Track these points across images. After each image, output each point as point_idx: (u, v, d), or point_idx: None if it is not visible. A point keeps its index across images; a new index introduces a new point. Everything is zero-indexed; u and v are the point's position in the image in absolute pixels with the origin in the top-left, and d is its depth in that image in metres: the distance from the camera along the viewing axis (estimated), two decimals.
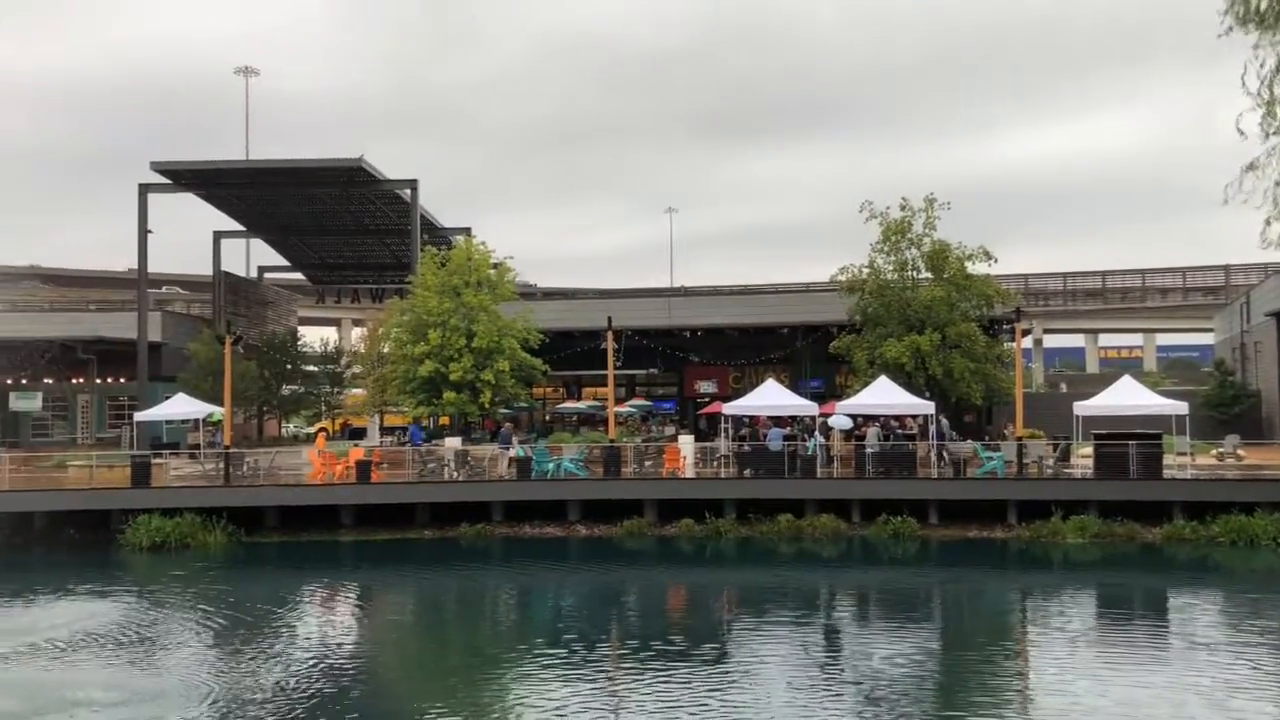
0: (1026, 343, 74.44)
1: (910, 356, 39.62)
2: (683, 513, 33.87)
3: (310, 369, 60.49)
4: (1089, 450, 34.03)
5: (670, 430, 49.76)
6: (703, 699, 17.02)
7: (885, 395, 36.23)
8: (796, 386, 45.38)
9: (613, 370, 39.13)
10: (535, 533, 34.19)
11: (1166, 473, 32.75)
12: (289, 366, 58.33)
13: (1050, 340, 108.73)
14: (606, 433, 39.23)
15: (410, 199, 53.12)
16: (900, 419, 39.67)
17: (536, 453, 36.73)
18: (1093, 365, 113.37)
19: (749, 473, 35.19)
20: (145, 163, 52.14)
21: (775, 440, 35.26)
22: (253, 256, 70.44)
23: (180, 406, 41.33)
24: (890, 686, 17.92)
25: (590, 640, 21.78)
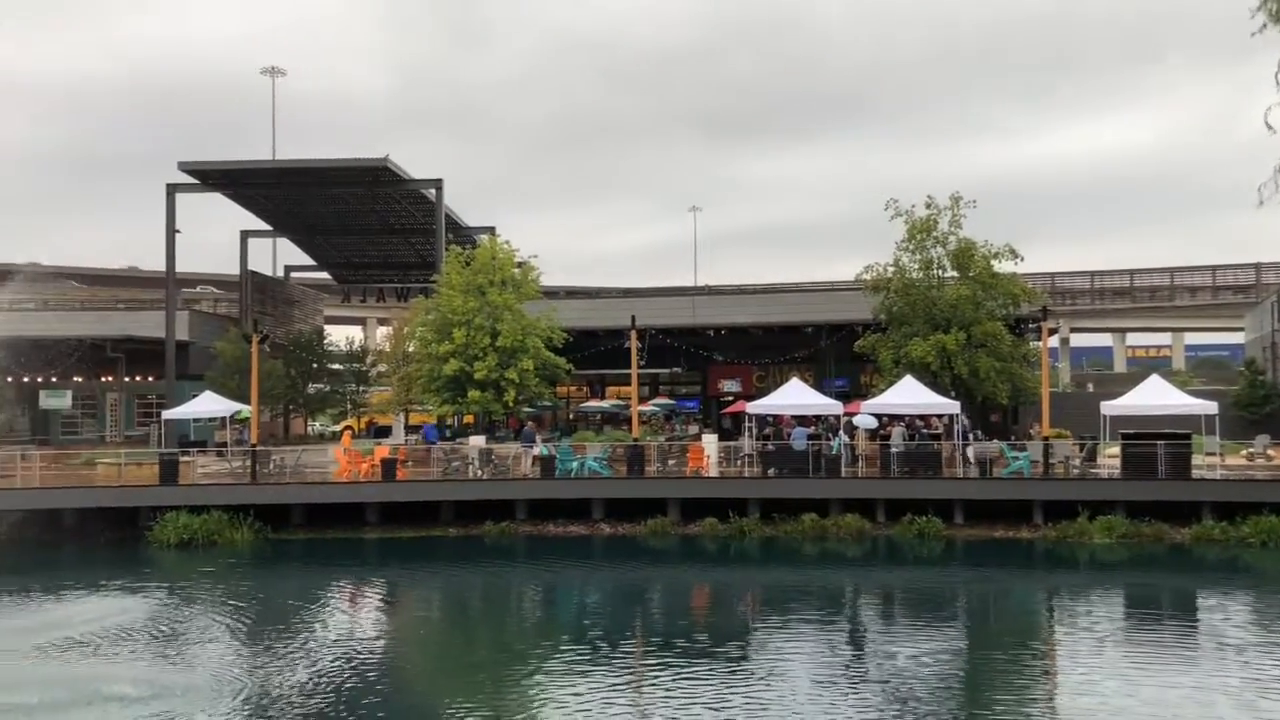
0: (1053, 342, 73.91)
1: (936, 356, 39.42)
2: (706, 512, 33.85)
3: (336, 368, 60.83)
4: (1116, 450, 33.78)
5: (694, 429, 49.75)
6: (726, 697, 17.01)
7: (910, 395, 36.07)
8: (821, 386, 45.22)
9: (636, 369, 39.14)
10: (559, 531, 34.27)
11: (1195, 473, 32.49)
12: (315, 365, 58.67)
13: (1077, 339, 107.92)
14: (630, 431, 39.25)
15: (435, 198, 53.30)
16: (925, 418, 39.48)
17: (560, 451, 36.80)
18: (1120, 364, 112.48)
19: (773, 472, 35.12)
20: (173, 163, 52.59)
21: (799, 440, 35.18)
22: (279, 256, 71.16)
23: (207, 405, 41.65)
24: (915, 686, 17.85)
25: (614, 638, 21.81)
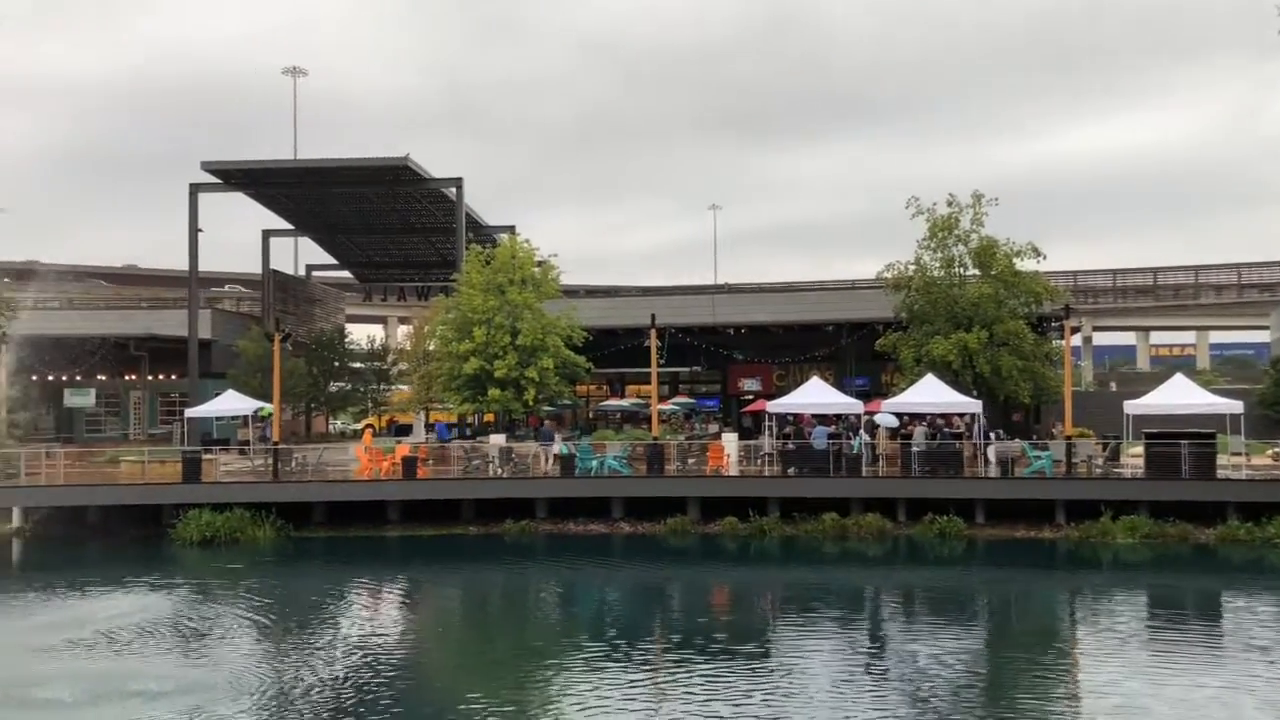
0: (1075, 340, 73.40)
1: (957, 354, 39.22)
2: (726, 511, 33.80)
3: (357, 366, 61.08)
4: (1140, 450, 33.52)
5: (714, 428, 49.68)
6: (747, 697, 16.98)
7: (932, 393, 35.91)
8: (841, 384, 45.07)
9: (656, 368, 39.12)
10: (579, 530, 34.29)
11: (1220, 472, 32.21)
12: (336, 364, 58.93)
13: (1100, 338, 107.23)
14: (650, 430, 39.24)
15: (455, 197, 53.43)
16: (947, 418, 39.29)
17: (580, 450, 36.83)
18: (1144, 363, 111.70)
19: (793, 471, 35.03)
20: (196, 163, 52.90)
21: (820, 439, 35.07)
22: (301, 255, 71.46)
23: (230, 403, 41.88)
24: (936, 686, 17.77)
25: (634, 637, 21.82)
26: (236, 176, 54.06)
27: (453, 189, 53.52)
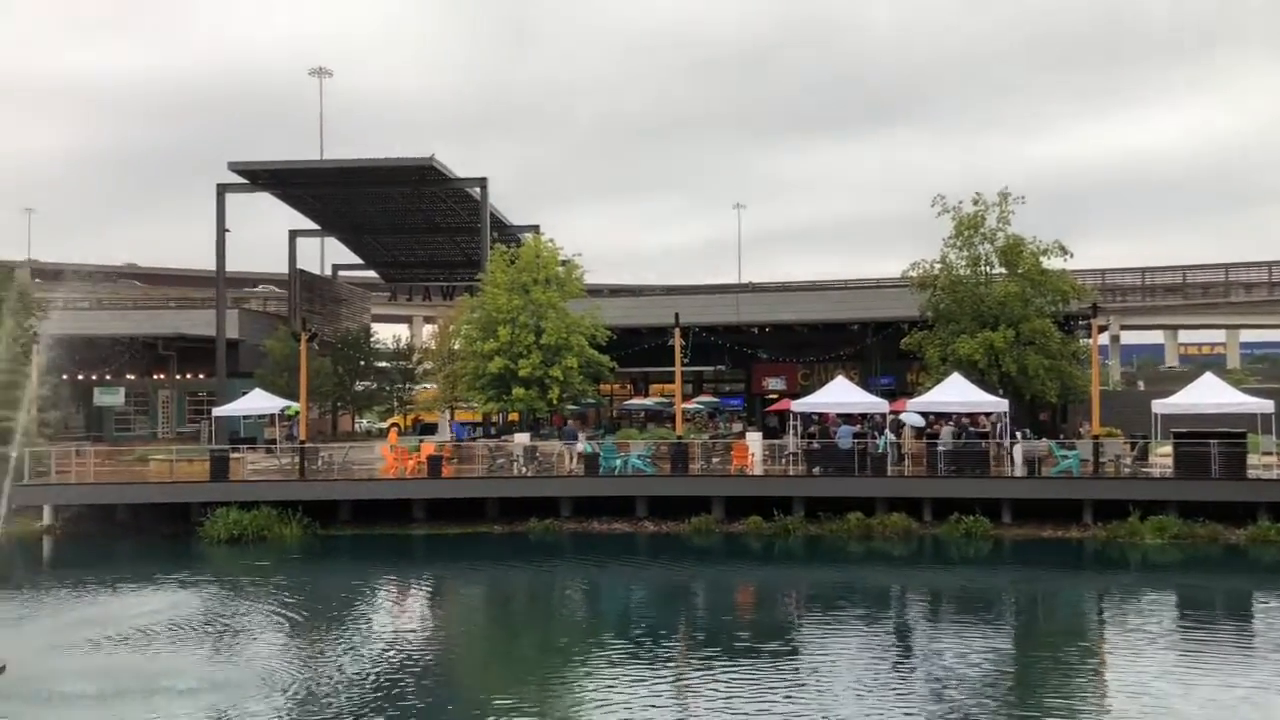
0: (1103, 339, 72.82)
1: (984, 353, 39.01)
2: (751, 510, 33.74)
3: (383, 365, 61.39)
4: (1168, 449, 33.23)
5: (738, 427, 49.57)
6: (771, 696, 16.96)
7: (958, 393, 35.72)
8: (866, 383, 44.85)
9: (680, 367, 39.10)
10: (603, 528, 34.33)
11: (1251, 473, 31.89)
12: (362, 363, 59.24)
13: (1128, 337, 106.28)
14: (674, 429, 39.23)
15: (480, 197, 53.61)
16: (973, 417, 39.08)
17: (604, 449, 36.87)
18: (1172, 362, 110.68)
19: (818, 470, 34.94)
20: (223, 163, 53.24)
21: (845, 438, 34.94)
22: (328, 255, 71.93)
23: (257, 402, 42.19)
24: (962, 687, 17.67)
25: (659, 636, 21.84)
26: (263, 177, 54.41)
27: (477, 188, 53.70)
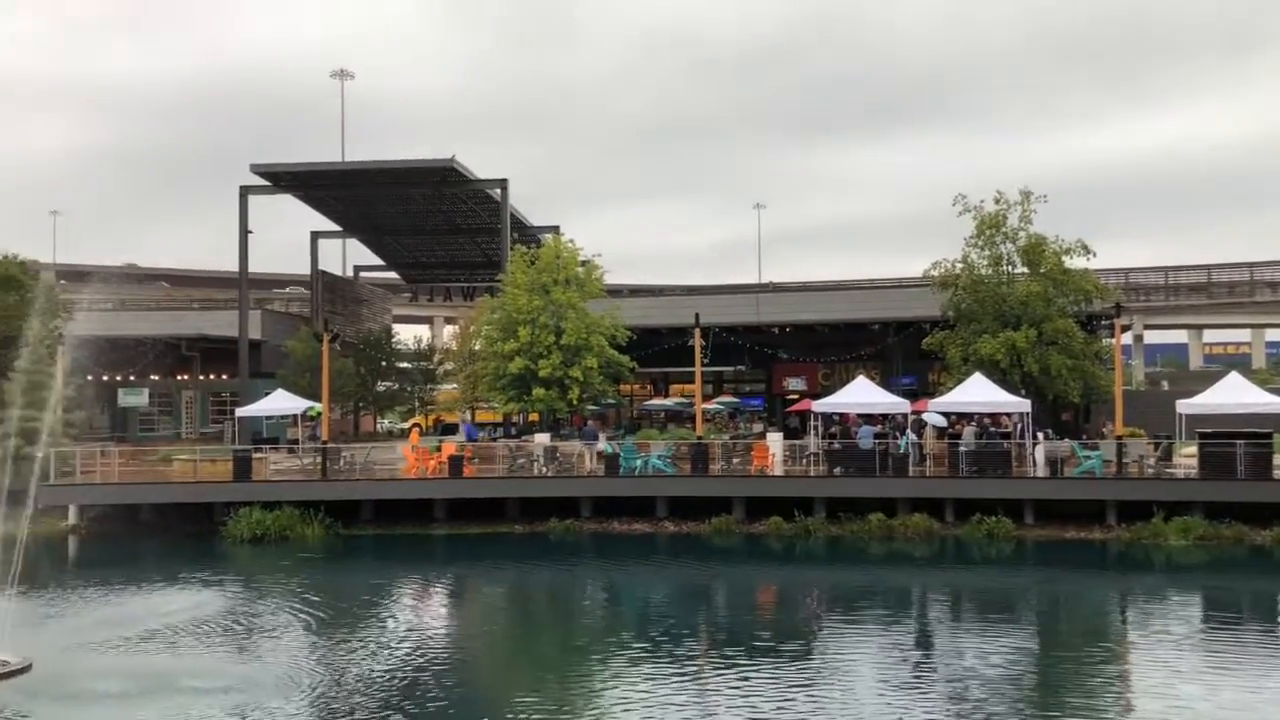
0: (1126, 339, 72.33)
1: (1006, 353, 38.81)
2: (771, 510, 33.67)
3: (404, 366, 61.66)
4: (1193, 450, 32.98)
5: (758, 427, 49.52)
6: (792, 697, 16.92)
7: (980, 393, 35.55)
8: (888, 383, 44.73)
9: (700, 367, 39.08)
10: (623, 529, 34.35)
11: (1277, 473, 31.58)
12: (384, 364, 59.52)
13: (1151, 336, 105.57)
14: (694, 430, 39.21)
15: (500, 198, 53.75)
16: (995, 417, 38.90)
17: (624, 449, 36.88)
18: (1197, 362, 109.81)
19: (839, 471, 34.84)
20: (245, 165, 53.60)
21: (866, 438, 34.84)
22: (349, 256, 72.27)
23: (280, 402, 42.41)
24: (984, 688, 17.58)
25: (679, 636, 21.83)
26: (285, 179, 54.72)
27: (498, 190, 53.84)
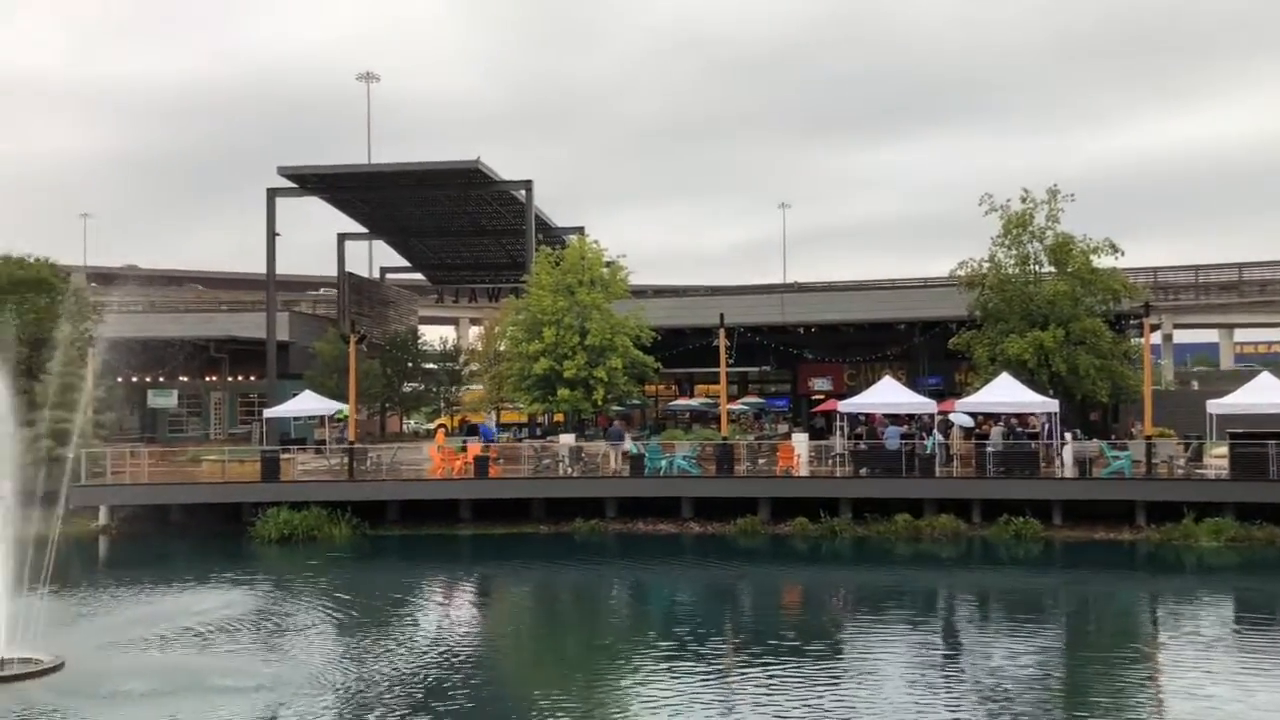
0: (1155, 338, 71.64)
1: (1033, 353, 38.55)
2: (797, 511, 33.59)
3: (430, 367, 61.96)
4: (1223, 450, 32.64)
5: (784, 428, 49.41)
6: (817, 697, 16.89)
7: (1007, 393, 35.34)
8: (914, 384, 44.49)
9: (725, 367, 39.03)
10: (648, 529, 34.36)
11: None
12: (410, 365, 59.80)
13: (1181, 336, 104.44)
14: (719, 430, 39.17)
15: (525, 199, 53.91)
16: (1022, 417, 38.65)
17: (649, 450, 36.90)
18: (1227, 361, 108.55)
19: (865, 471, 34.72)
20: (264, 167, 54.02)
21: (892, 439, 34.70)
22: (375, 257, 72.69)
23: (307, 403, 42.70)
24: (1011, 689, 17.48)
25: (705, 637, 21.80)
26: (311, 181, 55.10)
27: (522, 191, 54.01)
